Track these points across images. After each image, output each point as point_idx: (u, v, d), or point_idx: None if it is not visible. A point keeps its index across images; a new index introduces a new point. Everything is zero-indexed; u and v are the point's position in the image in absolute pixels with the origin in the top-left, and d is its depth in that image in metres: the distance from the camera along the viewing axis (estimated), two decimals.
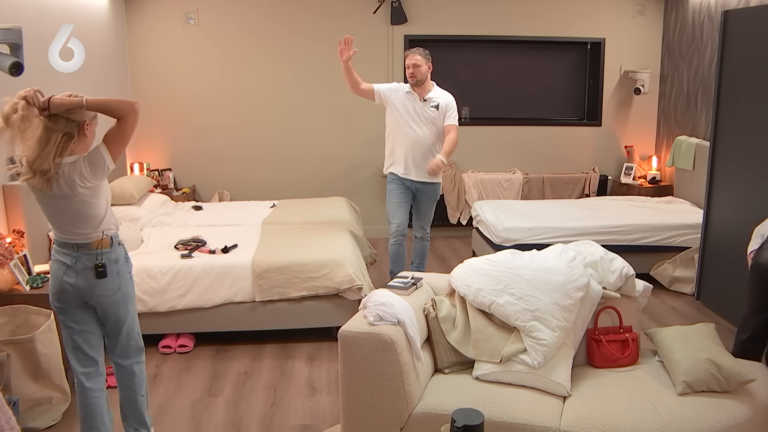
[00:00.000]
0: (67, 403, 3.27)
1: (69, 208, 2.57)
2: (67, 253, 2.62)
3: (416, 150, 4.50)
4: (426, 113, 4.49)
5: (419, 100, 4.49)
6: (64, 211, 2.58)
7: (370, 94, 4.57)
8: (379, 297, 2.68)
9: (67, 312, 2.69)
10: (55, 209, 2.58)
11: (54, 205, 2.57)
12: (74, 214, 2.58)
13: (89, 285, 2.63)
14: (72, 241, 2.61)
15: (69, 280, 2.62)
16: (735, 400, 2.51)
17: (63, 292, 2.64)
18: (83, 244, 2.61)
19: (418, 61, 4.44)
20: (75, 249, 2.62)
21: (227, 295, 4.04)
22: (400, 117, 4.51)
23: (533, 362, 2.62)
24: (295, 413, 3.34)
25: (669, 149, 6.36)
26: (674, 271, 5.05)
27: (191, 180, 6.50)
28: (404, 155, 4.54)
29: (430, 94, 4.52)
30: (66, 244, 2.62)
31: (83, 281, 2.62)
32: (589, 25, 6.58)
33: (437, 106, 4.50)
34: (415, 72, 4.44)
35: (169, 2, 6.17)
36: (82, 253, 2.61)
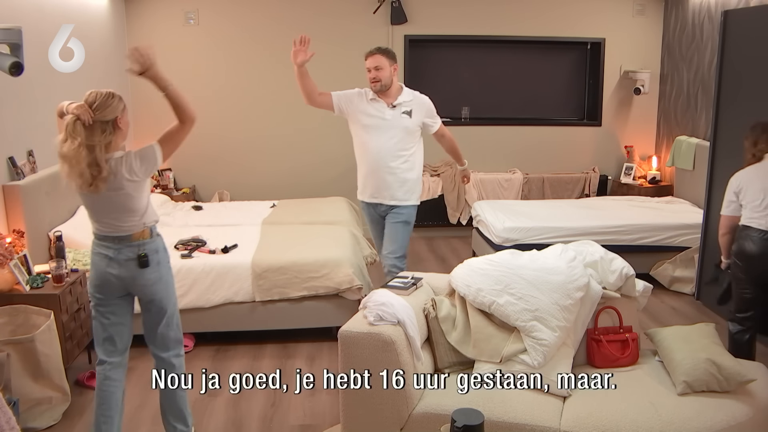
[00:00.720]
0: (67, 403, 3.27)
1: (114, 201, 2.64)
2: (108, 245, 2.70)
3: (383, 169, 3.82)
4: (398, 122, 3.81)
5: (388, 108, 3.82)
6: (109, 205, 2.65)
7: (329, 104, 3.85)
8: (379, 297, 2.68)
9: (107, 304, 2.76)
10: (101, 203, 2.65)
11: (100, 199, 2.64)
12: (119, 207, 2.66)
13: (132, 275, 2.72)
14: (113, 234, 2.69)
15: (112, 271, 2.70)
16: (735, 400, 2.51)
17: (106, 284, 2.72)
18: (125, 236, 2.69)
19: (380, 62, 3.76)
20: (116, 241, 2.69)
21: (227, 295, 4.04)
22: (364, 130, 3.83)
23: (533, 362, 2.62)
24: (295, 413, 3.34)
25: (669, 149, 6.36)
26: (674, 271, 5.05)
27: (191, 180, 6.50)
28: (370, 176, 3.87)
29: (400, 98, 3.84)
30: (107, 237, 2.70)
31: (127, 272, 2.71)
32: (589, 25, 6.58)
33: (410, 112, 3.83)
34: (378, 75, 3.75)
35: (169, 2, 6.17)
36: (124, 245, 2.69)
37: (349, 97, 3.88)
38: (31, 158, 4.08)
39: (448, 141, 4.09)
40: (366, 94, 3.87)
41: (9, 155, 3.86)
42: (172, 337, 2.89)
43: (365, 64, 3.82)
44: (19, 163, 3.91)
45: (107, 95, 2.63)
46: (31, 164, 4.05)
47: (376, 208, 3.96)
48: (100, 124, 2.59)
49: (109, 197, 2.63)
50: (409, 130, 3.84)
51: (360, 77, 6.54)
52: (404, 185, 3.88)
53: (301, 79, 3.77)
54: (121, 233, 2.69)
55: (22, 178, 3.86)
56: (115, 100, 2.65)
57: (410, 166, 3.88)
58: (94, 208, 2.68)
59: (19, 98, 4.01)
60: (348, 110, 3.86)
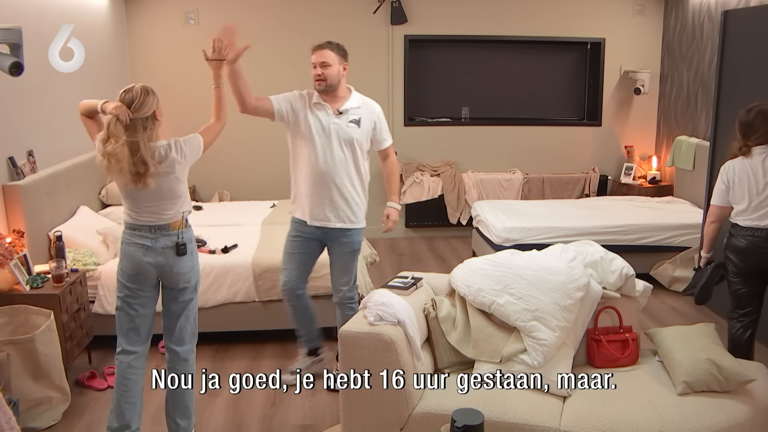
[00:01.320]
0: (67, 403, 3.27)
1: (164, 186, 2.73)
2: (144, 235, 2.75)
3: (329, 186, 3.29)
4: (344, 132, 3.28)
5: (333, 114, 3.31)
6: (158, 192, 2.72)
7: (268, 111, 3.34)
8: (379, 297, 2.68)
9: (139, 295, 2.80)
10: (149, 193, 2.70)
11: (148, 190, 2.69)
12: (166, 194, 2.75)
13: (170, 263, 2.79)
14: (153, 224, 2.75)
15: (149, 260, 2.75)
16: (735, 400, 2.51)
17: (143, 273, 2.76)
18: (162, 225, 2.76)
19: (328, 58, 3.28)
20: (152, 231, 2.75)
21: (227, 295, 4.04)
22: (306, 140, 3.29)
23: (533, 362, 2.62)
24: (295, 413, 3.34)
25: (669, 149, 6.36)
26: (674, 271, 5.05)
27: (191, 180, 6.50)
28: (310, 193, 3.33)
29: (348, 104, 3.33)
30: (142, 227, 2.75)
31: (164, 260, 2.77)
32: (589, 25, 6.58)
33: (358, 121, 3.31)
34: (324, 73, 3.27)
35: (169, 2, 6.17)
36: (160, 234, 2.76)
37: (290, 100, 3.35)
38: (31, 158, 4.08)
39: (390, 166, 3.55)
40: (309, 97, 3.34)
41: (9, 155, 3.86)
42: (189, 330, 2.97)
43: (311, 58, 3.34)
44: (19, 163, 3.91)
45: (143, 93, 2.72)
46: (31, 164, 4.05)
47: (313, 229, 3.38)
48: (141, 121, 2.69)
49: (159, 183, 2.70)
50: (358, 142, 3.31)
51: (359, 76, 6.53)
52: (351, 206, 3.34)
53: (234, 81, 3.18)
54: (161, 222, 2.76)
55: (22, 178, 3.86)
56: (150, 96, 2.76)
57: (360, 183, 3.37)
58: (140, 197, 2.72)
59: (19, 98, 4.01)
60: (289, 116, 3.32)
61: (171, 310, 2.92)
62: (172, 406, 2.96)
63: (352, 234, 3.39)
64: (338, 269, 3.45)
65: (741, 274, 3.31)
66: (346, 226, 3.35)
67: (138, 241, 2.76)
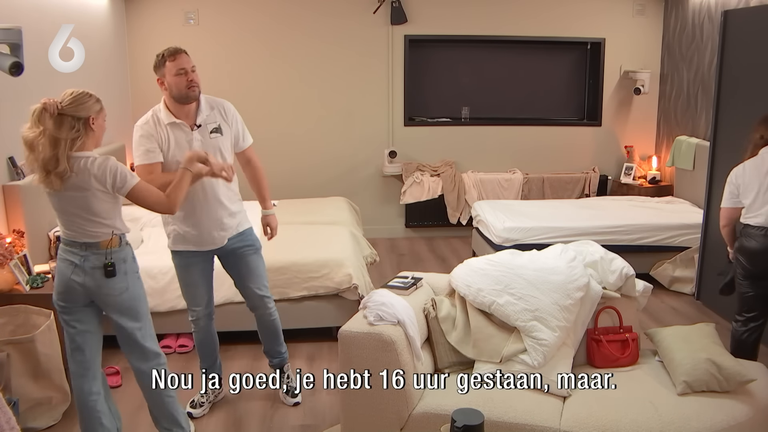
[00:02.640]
0: (67, 403, 3.27)
1: (79, 202, 2.54)
2: (74, 252, 2.60)
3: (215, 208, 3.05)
4: (212, 146, 3.00)
5: (191, 131, 2.98)
6: (76, 206, 2.55)
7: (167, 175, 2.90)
8: (379, 297, 2.68)
9: (72, 312, 2.66)
10: (68, 204, 2.56)
11: (67, 199, 2.55)
12: (84, 209, 2.55)
13: (98, 284, 2.61)
14: (80, 240, 2.59)
15: (77, 279, 2.59)
16: (735, 400, 2.51)
17: (70, 291, 2.61)
18: (92, 243, 2.58)
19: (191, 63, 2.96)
20: (83, 248, 2.59)
21: (227, 295, 4.04)
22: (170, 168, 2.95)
23: (533, 362, 2.62)
24: (295, 413, 3.34)
25: (669, 149, 6.36)
26: (674, 271, 5.05)
27: None
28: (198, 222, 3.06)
29: (201, 114, 3.01)
30: (74, 242, 2.60)
31: (92, 280, 2.60)
32: (589, 25, 6.58)
33: (219, 128, 3.05)
34: (196, 79, 2.95)
35: (169, 2, 6.17)
36: (91, 252, 2.59)
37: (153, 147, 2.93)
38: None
39: (256, 170, 3.33)
40: (157, 123, 2.95)
41: (9, 155, 3.86)
42: (149, 349, 2.75)
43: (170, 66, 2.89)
44: (19, 163, 3.91)
45: (83, 93, 2.58)
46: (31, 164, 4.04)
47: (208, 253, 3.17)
48: (70, 119, 2.52)
49: (73, 197, 2.54)
50: (226, 150, 3.08)
51: (359, 76, 6.52)
52: (236, 215, 3.19)
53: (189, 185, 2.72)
54: (88, 239, 2.58)
55: (22, 178, 3.86)
56: (91, 100, 2.59)
57: (237, 190, 3.21)
58: (60, 208, 2.59)
59: (19, 98, 4.00)
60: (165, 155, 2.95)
61: (118, 333, 2.73)
62: (159, 416, 2.87)
63: (249, 233, 3.26)
64: (252, 272, 3.21)
65: (750, 276, 3.30)
66: (243, 229, 3.22)
67: (68, 257, 2.60)
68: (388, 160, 6.44)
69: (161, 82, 2.96)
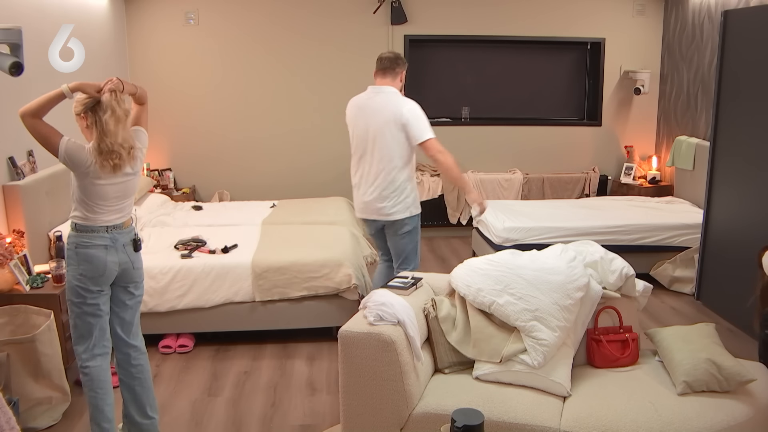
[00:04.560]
0: (67, 403, 3.27)
1: (131, 185, 2.80)
2: (102, 235, 2.73)
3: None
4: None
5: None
6: (126, 189, 2.78)
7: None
8: (379, 297, 2.68)
9: (104, 295, 2.79)
10: (120, 188, 2.74)
11: (120, 184, 2.73)
12: (130, 192, 2.82)
13: (131, 259, 2.83)
14: (113, 223, 2.75)
15: (113, 258, 2.75)
16: (735, 400, 2.51)
17: (109, 273, 2.75)
18: (118, 225, 2.77)
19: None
20: (110, 230, 2.75)
21: (227, 295, 4.05)
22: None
23: (533, 362, 2.62)
24: (295, 413, 3.34)
25: (669, 149, 6.36)
26: (674, 271, 5.05)
27: (191, 180, 6.50)
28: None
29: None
30: (99, 228, 2.72)
31: (126, 257, 2.80)
32: (589, 25, 6.58)
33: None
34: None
35: (169, 2, 6.17)
36: (116, 233, 2.76)
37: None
38: (31, 158, 4.08)
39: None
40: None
41: (9, 155, 3.86)
42: (138, 323, 3.00)
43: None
44: (19, 163, 3.91)
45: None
46: (31, 164, 4.05)
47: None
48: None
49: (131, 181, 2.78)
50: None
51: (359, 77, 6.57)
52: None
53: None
54: (119, 221, 2.78)
55: (22, 178, 3.86)
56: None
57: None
58: (113, 194, 2.72)
59: (20, 98, 4.00)
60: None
61: (130, 308, 2.92)
62: (147, 401, 2.96)
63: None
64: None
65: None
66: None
67: (97, 242, 2.72)
68: None
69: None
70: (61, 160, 2.68)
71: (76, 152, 2.65)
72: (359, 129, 3.72)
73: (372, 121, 3.64)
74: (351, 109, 3.82)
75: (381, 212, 3.75)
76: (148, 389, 2.98)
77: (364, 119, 3.69)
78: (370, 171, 3.73)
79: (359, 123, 3.72)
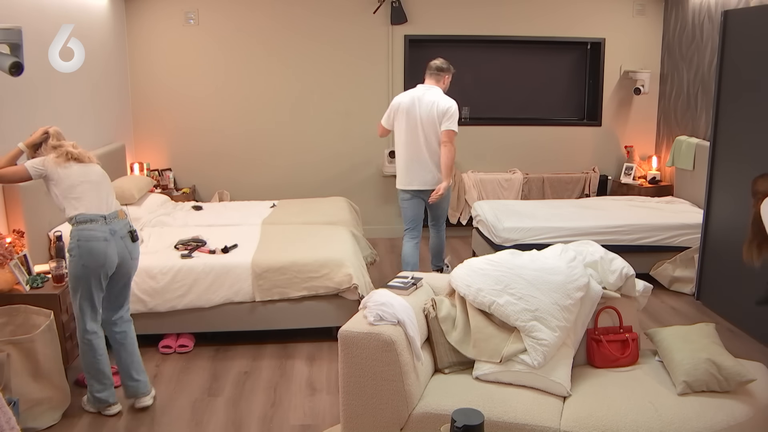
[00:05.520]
0: (67, 403, 3.27)
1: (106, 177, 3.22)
2: (99, 228, 3.05)
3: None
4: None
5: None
6: (105, 180, 3.20)
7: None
8: (379, 297, 2.68)
9: (104, 279, 3.11)
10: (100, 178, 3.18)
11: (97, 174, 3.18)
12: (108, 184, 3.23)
13: (129, 249, 3.17)
14: (105, 213, 3.09)
15: (112, 249, 3.08)
16: (735, 400, 2.51)
17: (109, 263, 3.07)
18: (112, 215, 3.11)
19: None
20: (105, 222, 3.07)
21: (227, 295, 4.04)
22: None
23: (533, 362, 2.62)
24: (295, 413, 3.34)
25: (669, 149, 6.36)
26: (674, 271, 5.05)
27: (191, 180, 6.50)
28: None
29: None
30: (98, 217, 3.06)
31: (124, 246, 3.14)
32: (589, 25, 6.58)
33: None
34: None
35: (169, 2, 6.17)
36: (114, 225, 3.10)
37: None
38: None
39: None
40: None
41: None
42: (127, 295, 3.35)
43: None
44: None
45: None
46: None
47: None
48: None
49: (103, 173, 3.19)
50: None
51: (359, 77, 6.56)
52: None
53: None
54: (112, 210, 3.12)
55: None
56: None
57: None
58: (97, 183, 3.13)
59: (19, 98, 4.01)
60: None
61: (124, 289, 3.29)
62: (132, 365, 3.29)
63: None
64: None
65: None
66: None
67: (97, 233, 3.04)
68: (388, 160, 6.44)
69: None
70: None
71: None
72: (411, 116, 4.61)
73: (423, 112, 4.58)
74: (403, 99, 4.67)
75: (429, 183, 4.65)
76: (131, 353, 3.30)
77: (420, 110, 4.59)
78: (419, 149, 4.62)
79: (412, 111, 4.61)
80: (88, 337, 3.15)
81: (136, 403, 3.32)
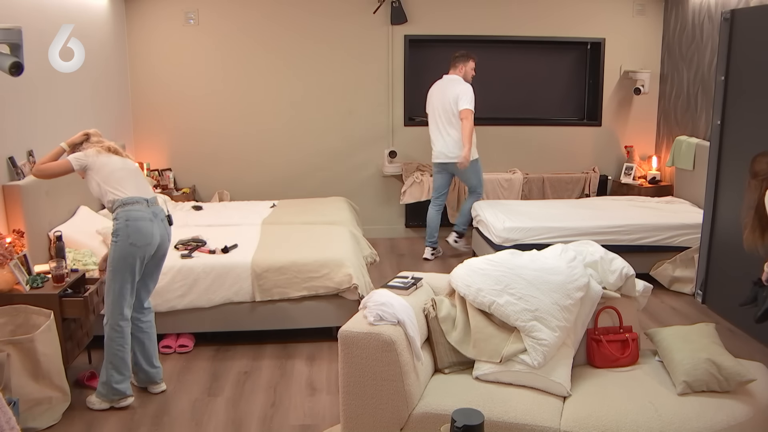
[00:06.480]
0: (67, 403, 3.27)
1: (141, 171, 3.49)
2: (143, 209, 3.24)
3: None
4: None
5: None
6: (141, 172, 3.45)
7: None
8: (379, 297, 2.68)
9: (145, 261, 3.27)
10: (137, 169, 3.43)
11: (134, 166, 3.43)
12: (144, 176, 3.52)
13: (168, 232, 3.38)
14: (148, 196, 3.30)
15: (157, 229, 3.27)
16: (735, 400, 2.51)
17: (153, 241, 3.25)
18: (152, 199, 3.32)
19: None
20: (147, 204, 3.27)
21: (227, 295, 4.04)
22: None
23: (533, 362, 2.62)
24: (295, 413, 3.34)
25: (669, 149, 6.36)
26: (674, 271, 5.05)
27: (191, 180, 6.50)
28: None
29: None
30: (141, 200, 3.25)
31: (164, 229, 3.35)
32: (589, 25, 6.58)
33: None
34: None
35: (169, 2, 6.17)
36: (154, 207, 3.31)
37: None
38: (31, 158, 4.08)
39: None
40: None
41: (9, 155, 3.86)
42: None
43: None
44: (19, 163, 3.91)
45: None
46: (31, 164, 4.04)
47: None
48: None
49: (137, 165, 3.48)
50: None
51: (359, 76, 6.56)
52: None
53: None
54: (150, 195, 3.34)
55: (22, 178, 3.86)
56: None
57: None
58: (135, 172, 3.39)
59: (19, 98, 4.01)
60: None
61: (155, 275, 3.47)
62: (153, 353, 3.48)
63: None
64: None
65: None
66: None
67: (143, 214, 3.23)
68: (388, 160, 6.44)
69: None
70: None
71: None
72: (432, 101, 5.64)
73: (444, 97, 5.51)
74: (432, 88, 5.69)
75: (448, 157, 5.56)
76: (153, 342, 3.49)
77: (439, 96, 5.56)
78: (439, 129, 5.59)
79: (433, 97, 5.63)
80: (122, 323, 3.25)
81: (152, 389, 3.50)
